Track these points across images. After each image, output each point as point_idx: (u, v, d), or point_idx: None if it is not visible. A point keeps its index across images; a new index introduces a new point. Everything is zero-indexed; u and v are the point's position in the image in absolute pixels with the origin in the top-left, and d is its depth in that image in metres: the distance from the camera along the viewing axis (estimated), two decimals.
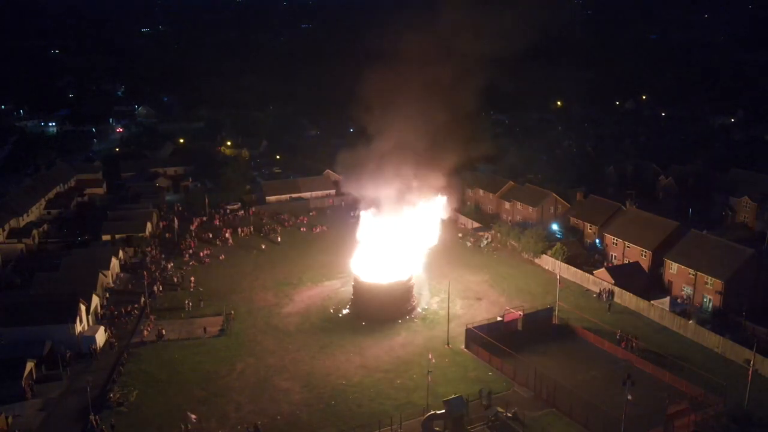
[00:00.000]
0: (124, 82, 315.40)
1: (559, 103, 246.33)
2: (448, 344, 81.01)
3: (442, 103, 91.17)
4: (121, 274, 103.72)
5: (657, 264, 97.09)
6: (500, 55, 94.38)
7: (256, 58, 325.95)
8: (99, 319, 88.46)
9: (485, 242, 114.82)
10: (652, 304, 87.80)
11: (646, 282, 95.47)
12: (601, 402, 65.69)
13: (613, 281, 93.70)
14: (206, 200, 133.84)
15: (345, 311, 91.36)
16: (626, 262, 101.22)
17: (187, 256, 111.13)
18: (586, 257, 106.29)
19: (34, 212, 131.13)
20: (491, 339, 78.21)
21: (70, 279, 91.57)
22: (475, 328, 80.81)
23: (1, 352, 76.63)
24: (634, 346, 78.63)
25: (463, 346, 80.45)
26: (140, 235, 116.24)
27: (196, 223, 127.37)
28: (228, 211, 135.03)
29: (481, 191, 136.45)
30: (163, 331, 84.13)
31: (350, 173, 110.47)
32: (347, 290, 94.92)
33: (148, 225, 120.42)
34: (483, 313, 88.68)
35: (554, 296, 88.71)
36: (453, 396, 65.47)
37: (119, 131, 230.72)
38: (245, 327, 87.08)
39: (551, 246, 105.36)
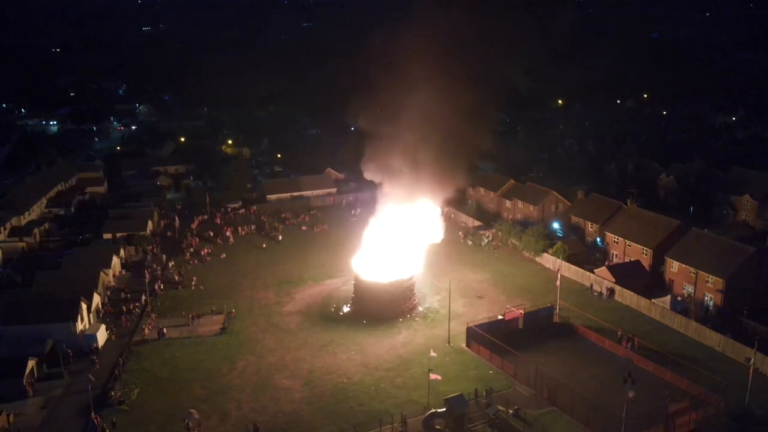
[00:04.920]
0: (125, 81, 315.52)
1: (560, 101, 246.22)
2: (449, 343, 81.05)
3: (445, 103, 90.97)
4: (123, 273, 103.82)
5: (658, 262, 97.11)
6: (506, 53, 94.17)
7: (258, 57, 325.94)
8: (100, 318, 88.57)
9: (486, 241, 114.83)
10: (653, 303, 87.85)
11: (647, 280, 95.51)
12: (602, 400, 65.82)
13: (614, 280, 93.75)
14: (207, 199, 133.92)
15: (346, 310, 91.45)
16: (627, 260, 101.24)
17: (188, 254, 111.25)
18: (587, 256, 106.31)
19: (36, 211, 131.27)
20: (492, 337, 78.27)
21: (72, 277, 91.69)
22: (476, 326, 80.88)
23: (3, 350, 76.85)
24: (635, 344, 78.64)
25: (464, 345, 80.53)
26: (141, 233, 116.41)
27: (197, 222, 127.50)
28: (229, 209, 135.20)
29: (482, 190, 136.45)
30: (164, 330, 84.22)
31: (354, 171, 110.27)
32: (348, 289, 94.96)
33: (149, 223, 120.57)
34: (484, 311, 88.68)
35: (555, 295, 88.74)
36: (454, 394, 65.52)
37: (120, 129, 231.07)
38: (246, 325, 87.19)
39: (552, 244, 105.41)
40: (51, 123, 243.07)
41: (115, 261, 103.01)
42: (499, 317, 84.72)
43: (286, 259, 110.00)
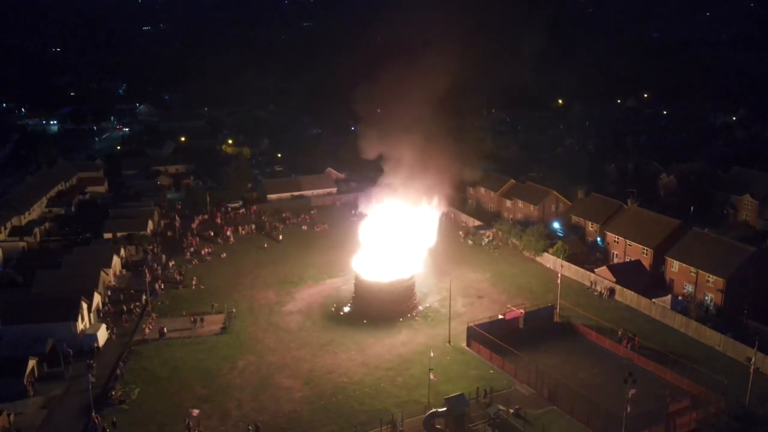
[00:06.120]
0: (125, 81, 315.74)
1: (560, 101, 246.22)
2: (449, 342, 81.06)
3: (446, 102, 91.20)
4: (123, 272, 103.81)
5: (658, 262, 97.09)
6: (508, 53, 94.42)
7: (258, 57, 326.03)
8: (101, 317, 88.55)
9: (486, 240, 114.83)
10: (654, 302, 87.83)
11: (648, 280, 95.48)
12: (603, 400, 65.77)
13: (614, 279, 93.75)
14: (207, 198, 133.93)
15: (346, 309, 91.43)
16: (627, 260, 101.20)
17: (188, 254, 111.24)
18: (587, 255, 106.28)
19: (36, 210, 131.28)
20: (493, 337, 78.27)
21: (72, 277, 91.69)
22: (476, 326, 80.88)
23: (3, 350, 76.81)
24: (635, 344, 78.62)
25: (464, 344, 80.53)
26: (142, 233, 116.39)
27: (197, 222, 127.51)
28: (229, 209, 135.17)
29: (482, 189, 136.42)
30: (165, 329, 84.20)
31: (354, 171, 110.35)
32: (349, 288, 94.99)
33: (150, 223, 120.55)
34: (484, 311, 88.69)
35: (555, 294, 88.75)
36: (454, 394, 65.54)
37: (118, 128, 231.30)
38: (247, 325, 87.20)
39: (552, 244, 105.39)
40: (51, 123, 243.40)
41: (116, 260, 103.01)
42: (500, 317, 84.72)
43: (286, 259, 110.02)
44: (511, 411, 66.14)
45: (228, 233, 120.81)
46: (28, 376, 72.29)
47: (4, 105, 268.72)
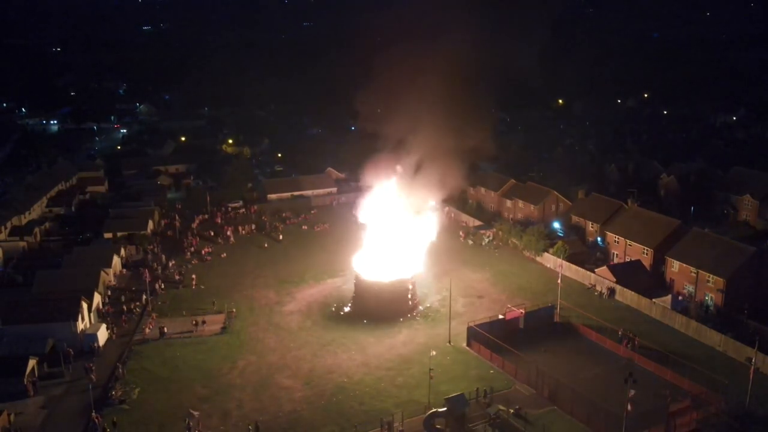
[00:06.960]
0: (125, 80, 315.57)
1: (560, 101, 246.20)
2: (449, 342, 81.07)
3: (446, 101, 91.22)
4: (123, 272, 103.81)
5: (659, 262, 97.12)
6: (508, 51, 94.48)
7: (258, 57, 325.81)
8: (101, 317, 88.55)
9: (487, 240, 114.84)
10: (654, 302, 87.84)
11: (648, 280, 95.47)
12: (603, 400, 65.75)
13: (614, 279, 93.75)
14: (208, 198, 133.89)
15: (346, 309, 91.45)
16: (628, 260, 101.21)
17: (188, 254, 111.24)
18: (587, 255, 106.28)
19: (36, 210, 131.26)
20: (493, 337, 78.28)
21: (72, 277, 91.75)
22: (476, 326, 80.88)
23: (4, 349, 76.83)
24: (635, 344, 78.61)
25: (464, 344, 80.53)
26: (142, 233, 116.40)
27: (197, 221, 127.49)
28: (229, 209, 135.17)
29: (482, 189, 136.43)
30: (165, 329, 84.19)
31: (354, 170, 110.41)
32: (349, 288, 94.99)
33: (150, 223, 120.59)
34: (484, 311, 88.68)
35: (556, 294, 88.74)
36: (454, 394, 65.55)
37: (116, 127, 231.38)
38: (247, 325, 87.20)
39: (553, 244, 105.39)
40: (51, 122, 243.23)
41: (116, 260, 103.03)
42: (500, 317, 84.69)
43: (286, 259, 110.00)
44: (512, 411, 66.16)
45: (228, 233, 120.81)
46: (29, 375, 72.29)
47: (4, 105, 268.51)
